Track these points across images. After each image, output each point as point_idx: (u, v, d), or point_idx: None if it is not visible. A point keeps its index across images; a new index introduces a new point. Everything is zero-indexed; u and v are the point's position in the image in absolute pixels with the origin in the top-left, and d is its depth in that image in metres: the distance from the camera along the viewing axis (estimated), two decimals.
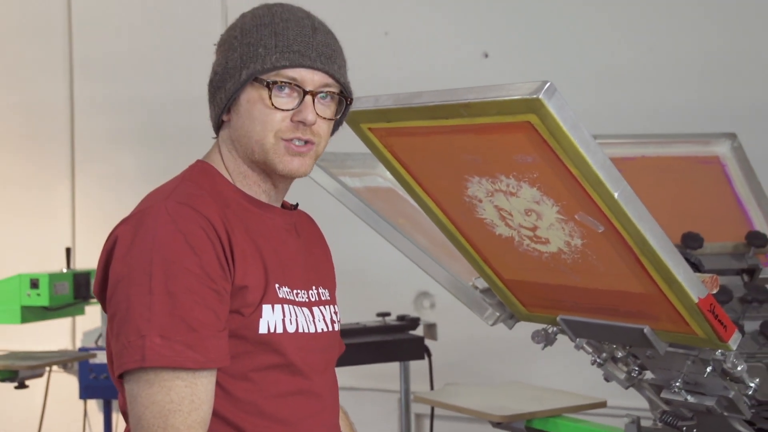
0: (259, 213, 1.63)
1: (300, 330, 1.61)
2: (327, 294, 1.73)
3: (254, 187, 1.65)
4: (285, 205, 1.74)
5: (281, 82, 1.57)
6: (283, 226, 1.67)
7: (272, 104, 1.57)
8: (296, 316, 1.61)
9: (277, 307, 1.58)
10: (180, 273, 1.46)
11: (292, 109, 1.58)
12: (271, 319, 1.57)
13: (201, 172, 1.64)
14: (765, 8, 3.61)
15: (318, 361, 1.65)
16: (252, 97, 1.59)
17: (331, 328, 1.70)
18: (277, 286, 1.60)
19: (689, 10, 3.72)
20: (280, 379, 1.58)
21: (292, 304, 1.61)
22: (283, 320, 1.59)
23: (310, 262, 1.73)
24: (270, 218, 1.65)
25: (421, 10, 4.17)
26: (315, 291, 1.69)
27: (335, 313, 1.74)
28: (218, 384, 1.52)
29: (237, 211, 1.59)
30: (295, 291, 1.64)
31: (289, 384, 1.59)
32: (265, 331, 1.56)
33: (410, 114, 1.78)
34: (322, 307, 1.69)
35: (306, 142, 1.60)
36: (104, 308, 1.54)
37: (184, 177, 1.62)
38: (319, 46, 1.60)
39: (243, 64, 1.59)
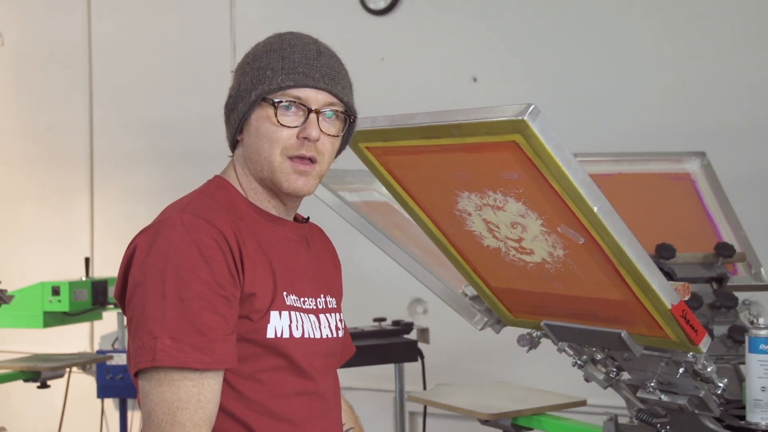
0: (271, 226, 1.63)
1: (306, 335, 1.61)
2: (333, 302, 1.73)
3: (265, 202, 1.65)
4: (297, 218, 1.74)
5: (287, 101, 1.58)
6: (294, 238, 1.67)
7: (278, 122, 1.58)
8: (302, 322, 1.61)
9: (285, 313, 1.58)
10: (191, 280, 1.46)
11: (298, 126, 1.58)
12: (278, 324, 1.57)
13: (218, 186, 1.64)
14: (732, 36, 3.62)
15: (322, 364, 1.65)
16: (261, 116, 1.59)
17: (335, 335, 1.70)
18: (285, 293, 1.59)
19: (664, 38, 3.73)
20: (287, 381, 1.58)
21: (299, 311, 1.61)
22: (290, 326, 1.58)
23: (319, 272, 1.72)
24: (281, 231, 1.65)
25: (414, 37, 4.18)
26: (322, 299, 1.69)
27: (340, 320, 1.74)
28: (229, 384, 1.52)
29: (249, 223, 1.59)
30: (302, 299, 1.63)
31: (295, 385, 1.59)
32: (273, 336, 1.56)
33: (405, 134, 1.78)
34: (328, 315, 1.69)
35: (310, 159, 1.59)
36: (124, 312, 1.54)
37: (202, 191, 1.63)
38: (323, 68, 1.60)
39: (253, 86, 1.59)
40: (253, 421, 1.54)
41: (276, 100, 1.57)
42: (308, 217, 1.76)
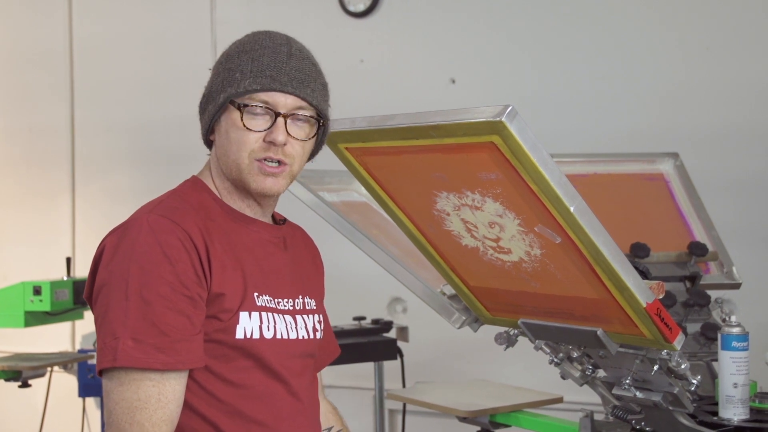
0: (243, 226, 1.61)
1: (278, 336, 1.58)
2: (312, 304, 1.71)
3: (239, 202, 1.63)
4: (276, 219, 1.73)
5: (253, 104, 1.56)
6: (269, 239, 1.65)
7: (244, 125, 1.55)
8: (275, 323, 1.58)
9: (255, 314, 1.56)
10: (155, 281, 1.45)
11: (265, 130, 1.56)
12: (248, 325, 1.55)
13: (192, 187, 1.63)
14: (708, 40, 3.64)
15: (297, 365, 1.63)
16: (229, 118, 1.58)
17: (312, 336, 1.67)
18: (255, 294, 1.57)
19: (641, 42, 3.75)
20: (258, 381, 1.56)
21: (273, 312, 1.59)
22: (260, 326, 1.56)
23: (297, 273, 1.70)
24: (255, 231, 1.63)
25: (393, 40, 4.17)
26: (300, 300, 1.67)
27: (319, 321, 1.71)
28: (199, 384, 1.51)
29: (221, 224, 1.57)
30: (277, 299, 1.61)
31: (267, 386, 1.57)
32: (242, 336, 1.54)
33: (384, 135, 1.78)
34: (305, 316, 1.66)
35: (279, 162, 1.57)
36: (93, 311, 1.54)
37: (174, 192, 1.62)
38: (292, 71, 1.57)
39: (222, 88, 1.58)
40: (223, 422, 1.52)
41: (243, 103, 1.55)
42: (285, 219, 1.74)
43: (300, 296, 1.67)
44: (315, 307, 1.71)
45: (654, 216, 2.66)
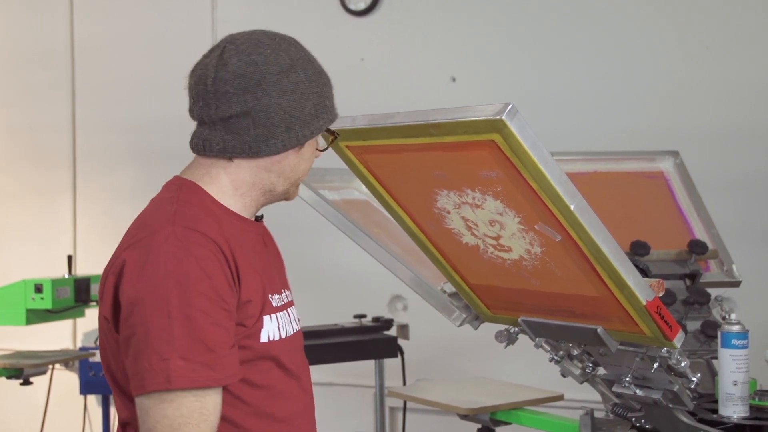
0: (242, 227, 1.60)
1: (287, 334, 1.60)
2: (290, 296, 1.71)
3: (250, 207, 1.62)
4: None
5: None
6: (256, 236, 1.65)
7: (319, 150, 1.64)
8: (283, 322, 1.60)
9: (273, 316, 1.57)
10: (195, 296, 1.42)
11: None
12: (270, 328, 1.56)
13: (190, 191, 1.58)
14: (707, 40, 3.64)
15: (300, 359, 1.65)
16: (312, 141, 1.61)
17: (298, 327, 1.69)
18: (270, 296, 1.58)
19: (641, 42, 3.75)
20: (278, 381, 1.57)
21: (279, 311, 1.60)
22: (278, 328, 1.58)
23: (276, 267, 1.71)
24: (249, 230, 1.62)
25: (394, 38, 4.17)
26: (284, 294, 1.67)
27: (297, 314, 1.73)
28: (228, 390, 1.49)
29: (228, 228, 1.56)
30: (277, 297, 1.62)
31: (286, 385, 1.58)
32: (266, 340, 1.55)
33: (384, 133, 1.78)
34: (290, 309, 1.67)
35: None
36: (115, 329, 1.49)
37: (179, 199, 1.56)
38: None
39: (316, 113, 1.58)
40: (250, 423, 1.52)
41: (336, 131, 1.64)
42: (262, 215, 1.72)
43: (283, 290, 1.67)
44: (292, 299, 1.71)
45: (654, 214, 2.66)
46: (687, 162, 2.73)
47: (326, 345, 3.25)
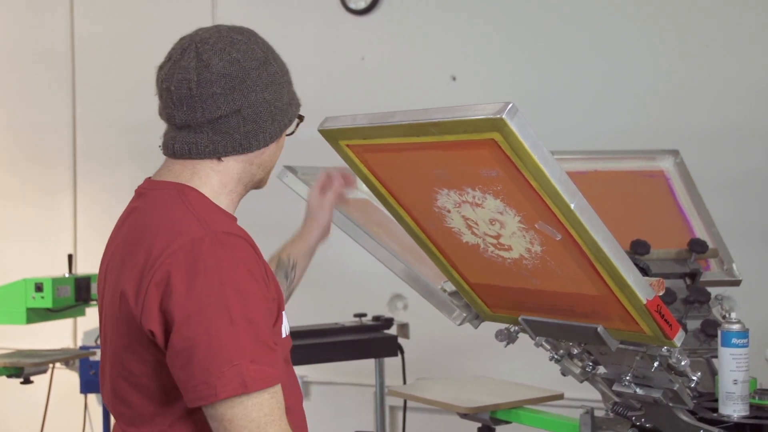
0: (237, 225, 1.60)
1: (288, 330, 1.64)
2: None
3: (235, 203, 1.64)
4: None
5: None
6: None
7: (287, 134, 1.67)
8: (287, 317, 1.63)
9: (284, 313, 1.60)
10: (251, 300, 1.44)
11: None
12: (285, 324, 1.60)
13: (192, 195, 1.56)
14: (708, 39, 3.64)
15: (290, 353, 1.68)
16: (287, 131, 1.66)
17: None
18: (281, 292, 1.60)
19: (641, 42, 3.75)
20: (286, 372, 1.59)
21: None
22: (288, 323, 1.62)
23: None
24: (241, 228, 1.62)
25: (394, 37, 4.17)
26: None
27: None
28: None
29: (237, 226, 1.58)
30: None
31: (291, 376, 1.62)
32: (285, 336, 1.58)
33: (384, 132, 1.78)
34: None
35: None
36: (161, 344, 1.45)
37: (189, 203, 1.54)
38: None
39: (290, 102, 1.64)
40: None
41: (302, 116, 1.68)
42: None
43: None
44: None
45: (654, 213, 2.66)
46: (687, 162, 2.73)
47: (326, 344, 3.25)
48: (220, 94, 1.54)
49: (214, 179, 1.58)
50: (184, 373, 1.42)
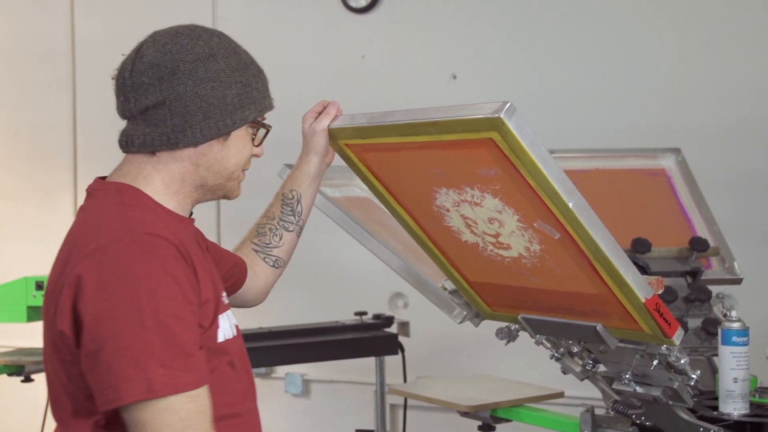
0: (182, 226, 1.57)
1: (233, 333, 1.58)
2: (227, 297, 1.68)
3: (185, 205, 1.60)
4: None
5: (268, 126, 1.62)
6: (194, 235, 1.62)
7: (255, 144, 1.61)
8: (231, 320, 1.59)
9: (224, 315, 1.55)
10: (166, 302, 1.38)
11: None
12: (224, 327, 1.54)
13: (130, 194, 1.55)
14: (709, 38, 3.64)
15: (245, 357, 1.63)
16: (242, 134, 1.59)
17: (238, 331, 1.65)
18: (221, 295, 1.57)
19: (641, 41, 3.75)
20: (231, 379, 1.55)
21: (227, 309, 1.59)
22: (229, 326, 1.56)
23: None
24: (188, 230, 1.60)
25: (395, 35, 4.17)
26: (224, 293, 1.64)
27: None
28: None
29: (173, 228, 1.52)
30: (224, 294, 1.61)
31: (238, 382, 1.57)
32: (222, 340, 1.53)
33: (383, 131, 1.78)
34: (231, 309, 1.64)
35: None
36: (75, 345, 1.42)
37: (122, 203, 1.52)
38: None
39: (241, 103, 1.57)
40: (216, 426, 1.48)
41: (267, 124, 1.61)
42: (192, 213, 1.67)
43: (221, 290, 1.64)
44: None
45: (655, 211, 2.66)
46: (688, 161, 2.73)
47: (327, 342, 3.25)
48: (149, 83, 1.55)
49: (156, 179, 1.56)
50: (92, 375, 1.39)
